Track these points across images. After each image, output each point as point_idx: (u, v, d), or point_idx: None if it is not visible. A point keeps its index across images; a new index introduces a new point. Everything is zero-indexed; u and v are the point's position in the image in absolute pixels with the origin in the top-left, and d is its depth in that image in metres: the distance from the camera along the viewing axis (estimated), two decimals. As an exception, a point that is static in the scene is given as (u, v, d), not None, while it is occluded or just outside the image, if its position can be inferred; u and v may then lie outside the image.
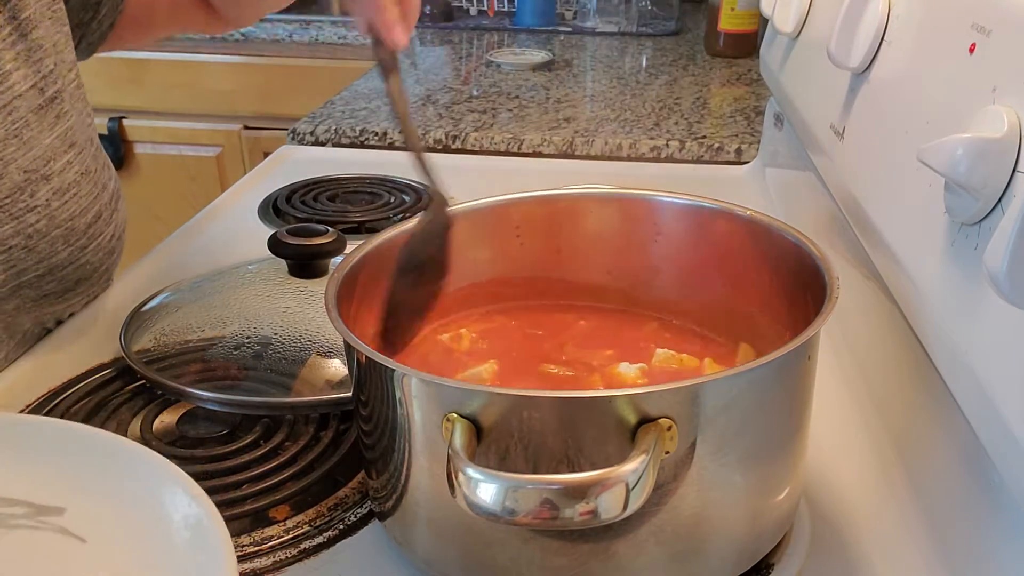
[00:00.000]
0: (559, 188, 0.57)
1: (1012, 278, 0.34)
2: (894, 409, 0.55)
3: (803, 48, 0.74)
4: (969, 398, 0.41)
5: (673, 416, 0.37)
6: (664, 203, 0.55)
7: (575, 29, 1.76)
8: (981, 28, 0.42)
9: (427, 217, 0.52)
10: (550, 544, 0.40)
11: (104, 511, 0.43)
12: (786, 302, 0.50)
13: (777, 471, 0.43)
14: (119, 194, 0.70)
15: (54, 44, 0.63)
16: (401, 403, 0.40)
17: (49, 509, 0.43)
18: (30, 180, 0.60)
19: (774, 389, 0.41)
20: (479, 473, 0.34)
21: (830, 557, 0.46)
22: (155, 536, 0.41)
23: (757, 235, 0.52)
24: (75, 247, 0.63)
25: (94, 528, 0.43)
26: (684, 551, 0.41)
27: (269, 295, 0.62)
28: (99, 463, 0.45)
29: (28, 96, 0.61)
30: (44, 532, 0.43)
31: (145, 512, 0.42)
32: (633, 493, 0.34)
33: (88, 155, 0.65)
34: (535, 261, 0.57)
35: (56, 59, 0.63)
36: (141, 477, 0.43)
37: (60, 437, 0.46)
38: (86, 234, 0.63)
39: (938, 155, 0.39)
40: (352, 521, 0.49)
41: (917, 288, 0.46)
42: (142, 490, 0.43)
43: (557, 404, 0.38)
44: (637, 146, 1.10)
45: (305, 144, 1.16)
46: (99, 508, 0.43)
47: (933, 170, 0.39)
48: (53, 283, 0.62)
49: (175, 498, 0.42)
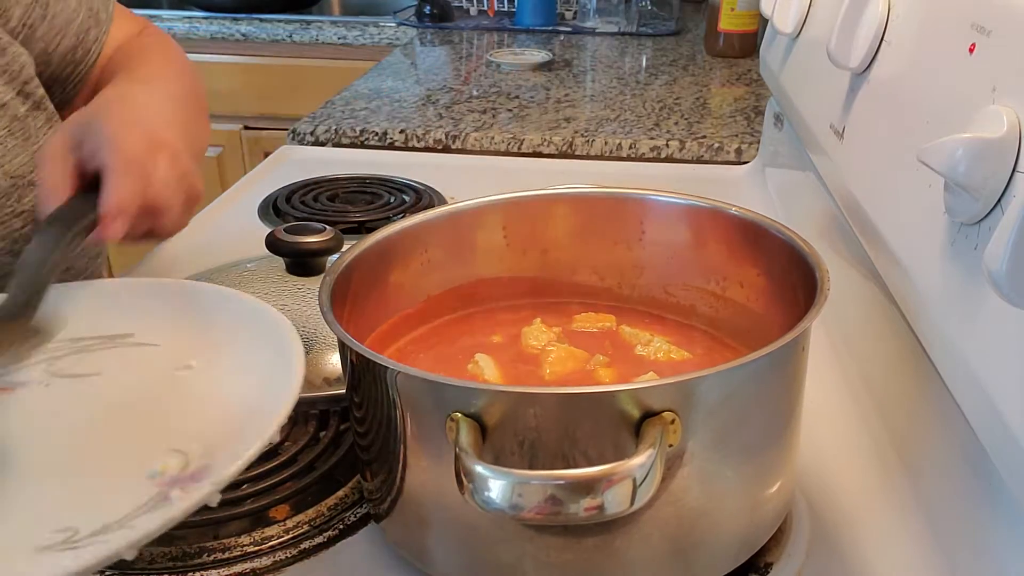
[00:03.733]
0: (544, 188, 0.57)
1: (1012, 278, 0.34)
2: (894, 409, 0.55)
3: (803, 48, 0.74)
4: (969, 398, 0.41)
5: (676, 409, 0.37)
6: (650, 201, 0.55)
7: (575, 29, 1.76)
8: (981, 28, 0.42)
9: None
10: (555, 540, 0.40)
11: (169, 325, 0.52)
12: (776, 298, 0.51)
13: (775, 460, 0.43)
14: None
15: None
16: (397, 403, 0.40)
17: (118, 336, 0.51)
18: (16, 185, 0.60)
19: (772, 380, 0.42)
20: (488, 471, 0.34)
21: (830, 557, 0.46)
22: (217, 329, 0.50)
23: (746, 232, 0.52)
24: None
25: (164, 336, 0.51)
26: (687, 544, 0.41)
27: (266, 293, 0.62)
28: (150, 296, 0.54)
29: (11, 105, 0.61)
30: (119, 348, 0.51)
31: (203, 316, 0.52)
32: (641, 488, 0.34)
33: None
34: (521, 261, 0.57)
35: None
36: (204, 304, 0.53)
37: (124, 288, 0.58)
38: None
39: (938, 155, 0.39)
40: (352, 521, 0.49)
41: (917, 288, 0.46)
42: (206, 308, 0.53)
43: (561, 400, 0.38)
44: (637, 146, 1.10)
45: (305, 144, 1.16)
46: (164, 324, 0.52)
47: (933, 170, 0.39)
48: None
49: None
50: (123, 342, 0.51)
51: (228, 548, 0.47)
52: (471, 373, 0.50)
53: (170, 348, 0.50)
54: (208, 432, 0.42)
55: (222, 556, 0.46)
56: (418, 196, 0.92)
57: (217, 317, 0.52)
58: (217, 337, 0.50)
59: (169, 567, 0.46)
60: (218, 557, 0.46)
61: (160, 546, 0.46)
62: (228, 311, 0.51)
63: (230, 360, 0.48)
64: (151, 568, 0.46)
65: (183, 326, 0.51)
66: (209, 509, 0.48)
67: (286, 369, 0.43)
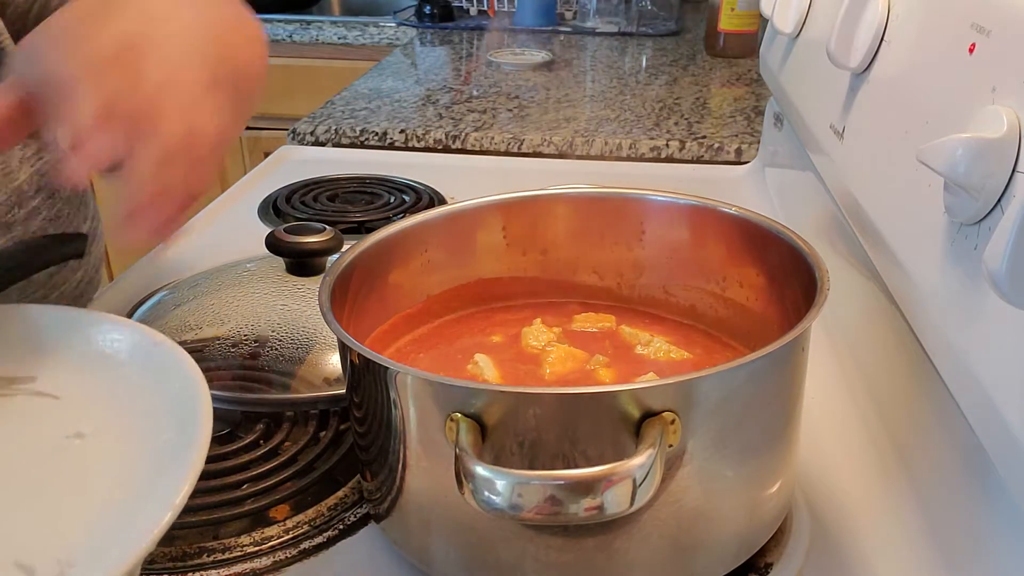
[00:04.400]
0: (544, 188, 0.57)
1: (1012, 278, 0.34)
2: (894, 409, 0.55)
3: (803, 48, 0.74)
4: (969, 398, 0.41)
5: (676, 409, 0.37)
6: (650, 201, 0.55)
7: (575, 29, 1.76)
8: (981, 28, 0.42)
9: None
10: (555, 541, 0.40)
11: (74, 374, 0.44)
12: (776, 298, 0.51)
13: (775, 460, 0.43)
14: (95, 235, 0.61)
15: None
16: (397, 403, 0.40)
17: (20, 379, 0.44)
18: None
19: (772, 380, 0.42)
20: (488, 471, 0.34)
21: (830, 557, 0.46)
22: (126, 385, 0.43)
23: (746, 233, 0.52)
24: (32, 298, 0.55)
25: (66, 387, 0.43)
26: (687, 544, 0.41)
27: (267, 293, 0.62)
28: (64, 334, 0.46)
29: None
30: (17, 397, 0.44)
31: (114, 368, 0.44)
32: (641, 488, 0.34)
33: (60, 197, 0.57)
34: (521, 261, 0.57)
35: None
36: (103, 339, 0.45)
37: (22, 317, 0.47)
38: (47, 285, 0.56)
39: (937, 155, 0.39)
40: (352, 521, 0.49)
41: (917, 288, 0.46)
42: (106, 348, 0.45)
43: (561, 401, 0.38)
44: (637, 146, 1.10)
45: (305, 144, 1.16)
46: (70, 372, 0.44)
47: (933, 170, 0.39)
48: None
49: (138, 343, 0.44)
50: (21, 388, 0.44)
51: (228, 548, 0.47)
52: (471, 373, 0.50)
53: (69, 403, 0.43)
54: (68, 542, 0.35)
55: (222, 556, 0.46)
56: (418, 196, 0.92)
57: (128, 370, 0.44)
58: (121, 397, 0.43)
59: (169, 567, 0.46)
60: (218, 557, 0.46)
61: (160, 546, 0.46)
62: (142, 364, 0.44)
63: (126, 433, 0.41)
64: (151, 568, 0.46)
65: (88, 375, 0.44)
66: (209, 509, 0.48)
67: (181, 464, 0.37)
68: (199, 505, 0.48)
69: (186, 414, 0.39)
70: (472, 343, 0.54)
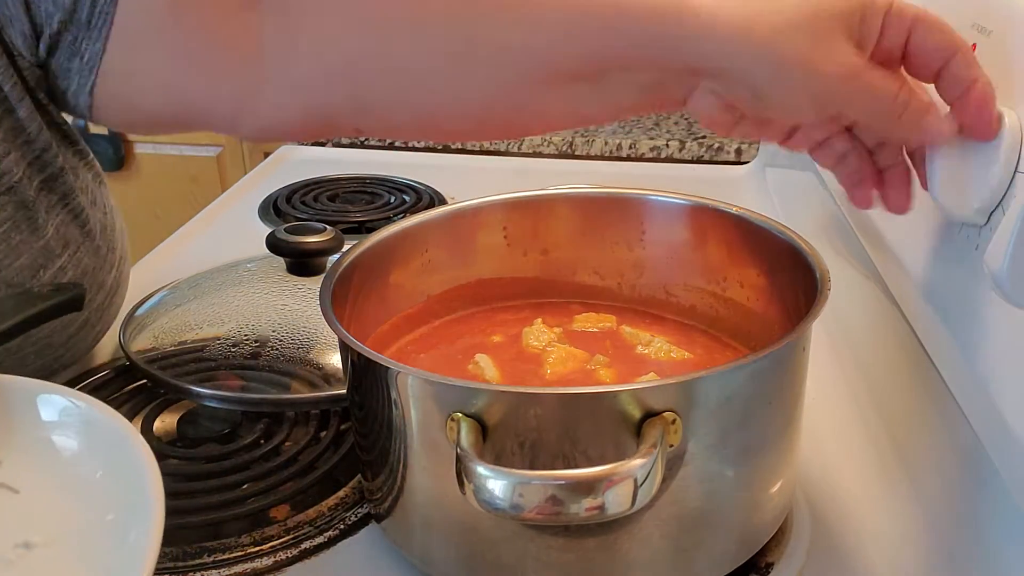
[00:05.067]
0: (544, 188, 0.57)
1: (1012, 278, 0.34)
2: (894, 409, 0.55)
3: (803, 48, 0.74)
4: (969, 397, 0.41)
5: (677, 409, 0.37)
6: (650, 201, 0.55)
7: (575, 29, 1.76)
8: (982, 28, 0.42)
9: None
10: (555, 541, 0.40)
11: (37, 460, 0.42)
12: (777, 298, 0.51)
13: (776, 460, 0.43)
14: (117, 284, 0.58)
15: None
16: (398, 403, 0.40)
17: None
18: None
19: (773, 380, 0.41)
20: (489, 471, 0.34)
21: (830, 557, 0.46)
22: (84, 482, 0.41)
23: (746, 233, 0.52)
24: (48, 359, 0.53)
25: (27, 479, 0.42)
26: (688, 544, 0.41)
27: (267, 293, 0.62)
28: (18, 413, 0.43)
29: (21, 187, 0.48)
30: None
31: (74, 459, 0.42)
32: (642, 488, 0.34)
33: (88, 249, 0.54)
34: (522, 261, 0.57)
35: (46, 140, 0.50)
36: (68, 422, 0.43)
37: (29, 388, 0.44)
38: (64, 346, 0.54)
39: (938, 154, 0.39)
40: (352, 521, 0.49)
41: (917, 288, 0.46)
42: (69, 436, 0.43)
43: (562, 400, 0.38)
44: (637, 146, 1.10)
45: (305, 144, 1.16)
46: (33, 462, 0.42)
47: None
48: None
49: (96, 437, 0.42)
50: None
51: (228, 548, 0.47)
52: (471, 373, 0.50)
53: (25, 502, 0.41)
54: None
55: (222, 556, 0.46)
56: (418, 196, 0.92)
57: (88, 472, 0.41)
58: (75, 504, 0.40)
59: (169, 567, 0.46)
60: (218, 557, 0.46)
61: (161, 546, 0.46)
62: (105, 467, 0.41)
63: (75, 547, 0.39)
64: (151, 568, 0.46)
65: (49, 471, 0.42)
66: (209, 509, 0.48)
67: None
68: (199, 505, 0.48)
69: (139, 505, 0.38)
70: (473, 343, 0.54)
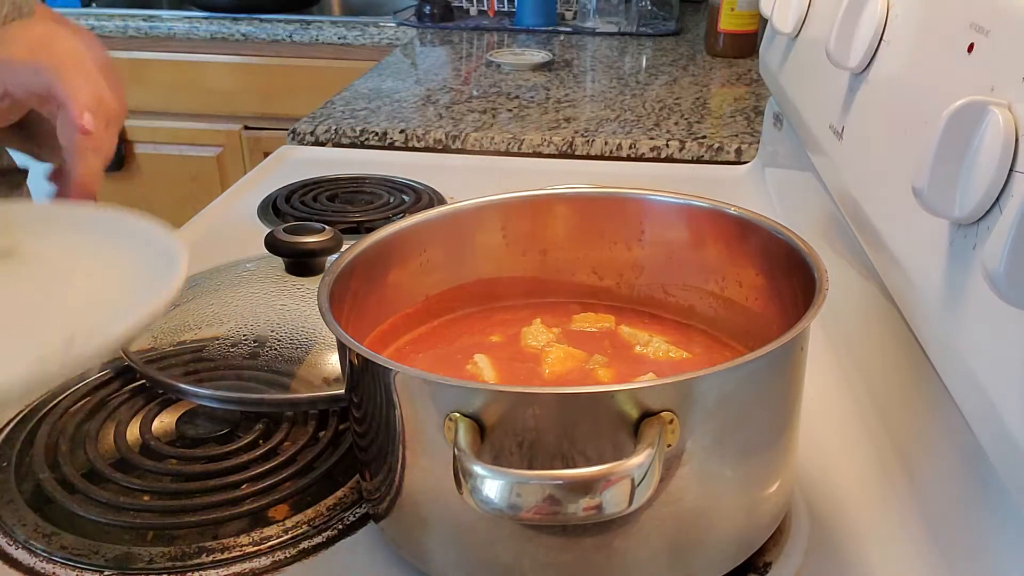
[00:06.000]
0: (544, 188, 0.57)
1: (1010, 278, 0.34)
2: (893, 410, 0.55)
3: (802, 48, 0.74)
4: (968, 398, 0.41)
5: (674, 409, 0.37)
6: (649, 201, 0.55)
7: (575, 29, 1.76)
8: (980, 28, 0.42)
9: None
10: (553, 540, 0.40)
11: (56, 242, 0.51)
12: (776, 298, 0.51)
13: (774, 460, 0.43)
14: None
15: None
16: (396, 403, 0.40)
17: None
18: None
19: (771, 380, 0.42)
20: (487, 471, 0.34)
21: (828, 557, 0.46)
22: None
23: (746, 232, 0.52)
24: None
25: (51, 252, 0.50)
26: (686, 543, 0.41)
27: (266, 293, 0.62)
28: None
29: None
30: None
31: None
32: (639, 488, 0.34)
33: None
34: (521, 261, 0.57)
35: None
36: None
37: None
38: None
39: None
40: (351, 521, 0.49)
41: (916, 288, 0.46)
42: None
43: (560, 400, 0.38)
44: (637, 146, 1.10)
45: (305, 144, 1.16)
46: (54, 244, 0.51)
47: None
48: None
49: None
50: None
51: (227, 548, 0.47)
52: (470, 373, 0.50)
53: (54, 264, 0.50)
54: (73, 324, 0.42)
55: (221, 556, 0.46)
56: (418, 196, 0.92)
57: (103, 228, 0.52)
58: (104, 257, 0.50)
59: (168, 567, 0.46)
60: (217, 557, 0.46)
61: (160, 546, 0.46)
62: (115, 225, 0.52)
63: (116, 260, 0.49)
64: (150, 568, 0.46)
65: (71, 248, 0.51)
66: (208, 509, 0.48)
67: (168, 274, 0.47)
68: (198, 505, 0.48)
69: (166, 243, 0.49)
70: (471, 343, 0.54)
